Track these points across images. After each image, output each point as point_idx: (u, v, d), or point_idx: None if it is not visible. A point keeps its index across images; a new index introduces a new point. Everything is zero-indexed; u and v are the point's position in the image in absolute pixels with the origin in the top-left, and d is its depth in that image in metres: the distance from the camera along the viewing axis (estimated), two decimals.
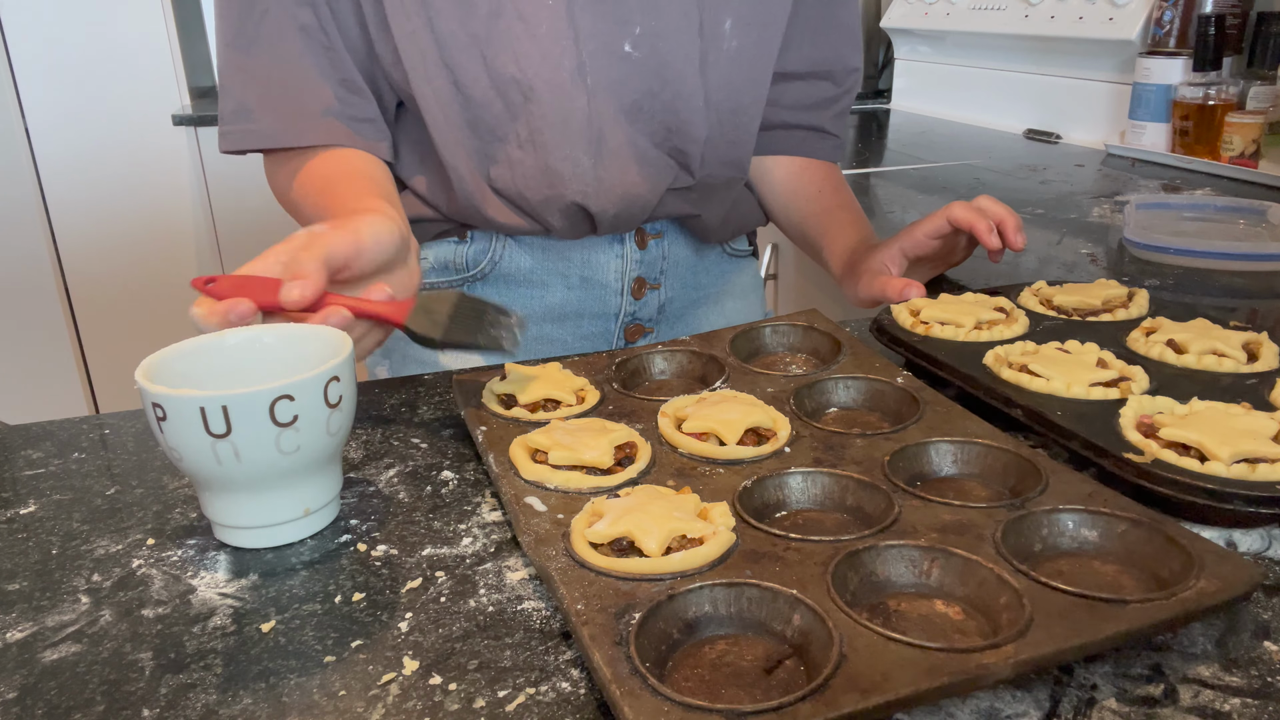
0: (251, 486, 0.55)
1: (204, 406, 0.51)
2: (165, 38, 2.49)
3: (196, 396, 0.52)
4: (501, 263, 0.95)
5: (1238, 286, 0.98)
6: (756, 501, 0.57)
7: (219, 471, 0.54)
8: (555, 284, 0.96)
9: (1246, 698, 0.43)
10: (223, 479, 0.54)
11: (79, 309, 2.63)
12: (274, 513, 0.57)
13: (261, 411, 0.52)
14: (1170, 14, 1.62)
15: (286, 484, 0.56)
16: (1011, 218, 0.81)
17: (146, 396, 0.53)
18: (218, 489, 0.56)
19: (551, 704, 0.44)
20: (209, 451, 0.53)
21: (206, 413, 0.52)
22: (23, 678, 0.47)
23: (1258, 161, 1.46)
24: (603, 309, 0.98)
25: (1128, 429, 0.61)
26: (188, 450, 0.53)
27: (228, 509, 0.56)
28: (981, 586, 0.48)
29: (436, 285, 0.97)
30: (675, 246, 0.99)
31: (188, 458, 0.54)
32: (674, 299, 1.01)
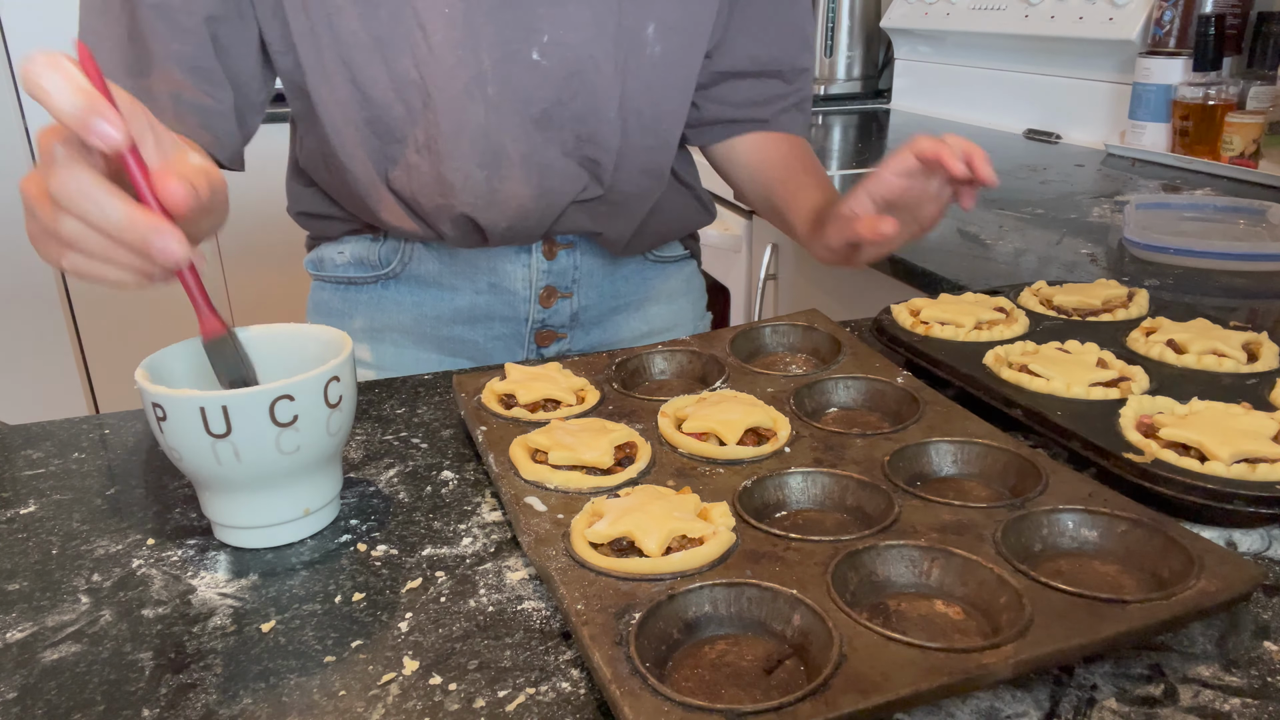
0: (251, 486, 0.55)
1: (204, 407, 0.51)
2: None
3: (196, 397, 0.52)
4: (411, 264, 0.95)
5: (1238, 286, 0.98)
6: (756, 501, 0.57)
7: (219, 471, 0.54)
8: (464, 288, 0.96)
9: (1246, 698, 0.43)
10: (223, 479, 0.54)
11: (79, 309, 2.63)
12: (274, 513, 0.57)
13: (262, 412, 0.52)
14: (1170, 14, 1.62)
15: (286, 484, 0.56)
16: (979, 151, 0.76)
17: (146, 396, 0.53)
18: (218, 489, 0.56)
19: (551, 704, 0.44)
20: (209, 452, 0.53)
21: (206, 413, 0.52)
22: (23, 678, 0.47)
23: (1258, 161, 1.46)
24: (512, 314, 0.98)
25: (1128, 429, 0.61)
26: (187, 450, 0.53)
27: (228, 509, 0.56)
28: (981, 586, 0.48)
29: (355, 280, 0.98)
30: (588, 257, 0.98)
31: (187, 458, 0.54)
32: (589, 307, 1.01)
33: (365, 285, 0.98)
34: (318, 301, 1.02)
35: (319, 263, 1.00)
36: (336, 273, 0.99)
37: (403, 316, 0.98)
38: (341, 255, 0.97)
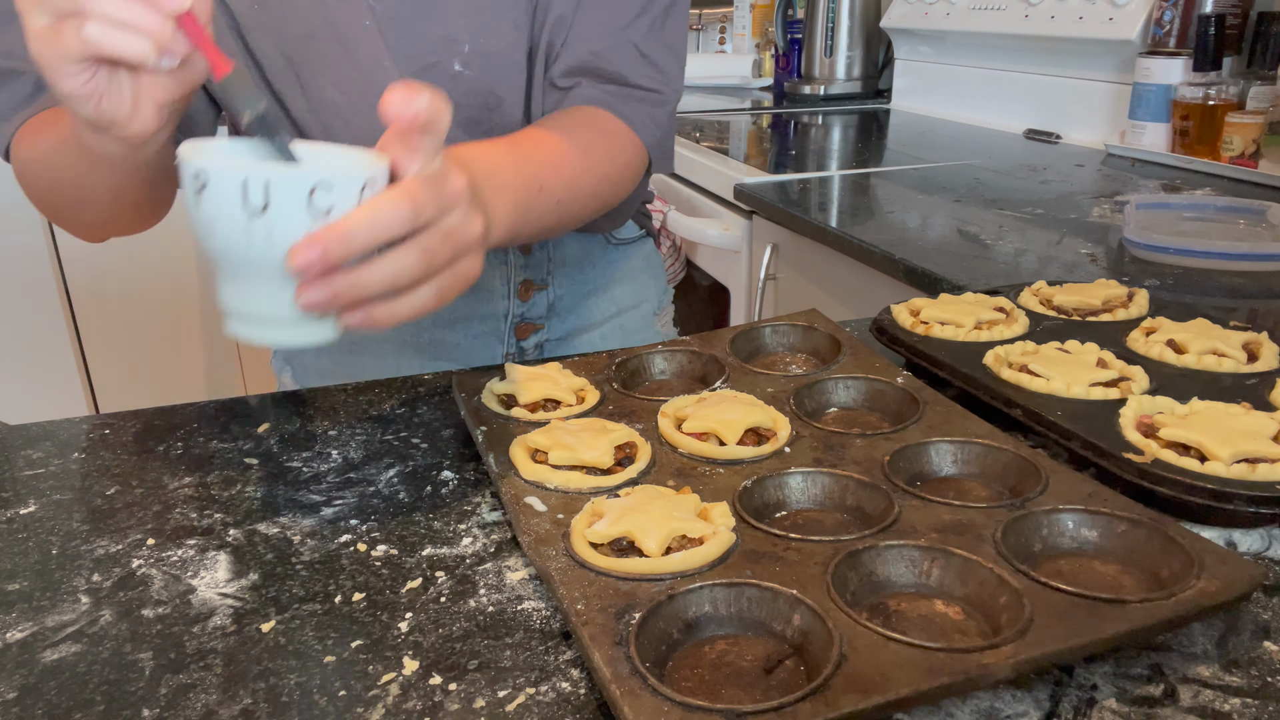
0: (273, 273, 0.52)
1: (248, 179, 0.50)
2: None
3: (242, 167, 0.50)
4: None
5: (1238, 286, 0.98)
6: (756, 501, 0.57)
7: (246, 253, 0.52)
8: None
9: (1246, 698, 0.43)
10: (248, 262, 0.53)
11: (79, 309, 2.63)
12: (291, 306, 0.53)
13: (301, 193, 0.50)
14: (1170, 14, 1.62)
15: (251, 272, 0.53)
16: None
17: (188, 167, 0.51)
18: (240, 273, 0.54)
19: (551, 704, 0.44)
20: (242, 228, 0.51)
21: (248, 185, 0.50)
22: (23, 678, 0.47)
23: (1258, 161, 1.46)
24: (490, 311, 0.97)
25: (1128, 429, 0.61)
26: (220, 224, 0.51)
27: (245, 295, 0.54)
28: (981, 586, 0.48)
29: None
30: (560, 248, 0.99)
31: (219, 233, 0.52)
32: (563, 295, 1.01)
33: None
34: None
35: None
36: None
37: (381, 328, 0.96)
38: None
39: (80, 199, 0.76)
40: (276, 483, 0.65)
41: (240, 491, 0.64)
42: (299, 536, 0.59)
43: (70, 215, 0.80)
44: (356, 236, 0.51)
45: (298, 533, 0.59)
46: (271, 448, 0.70)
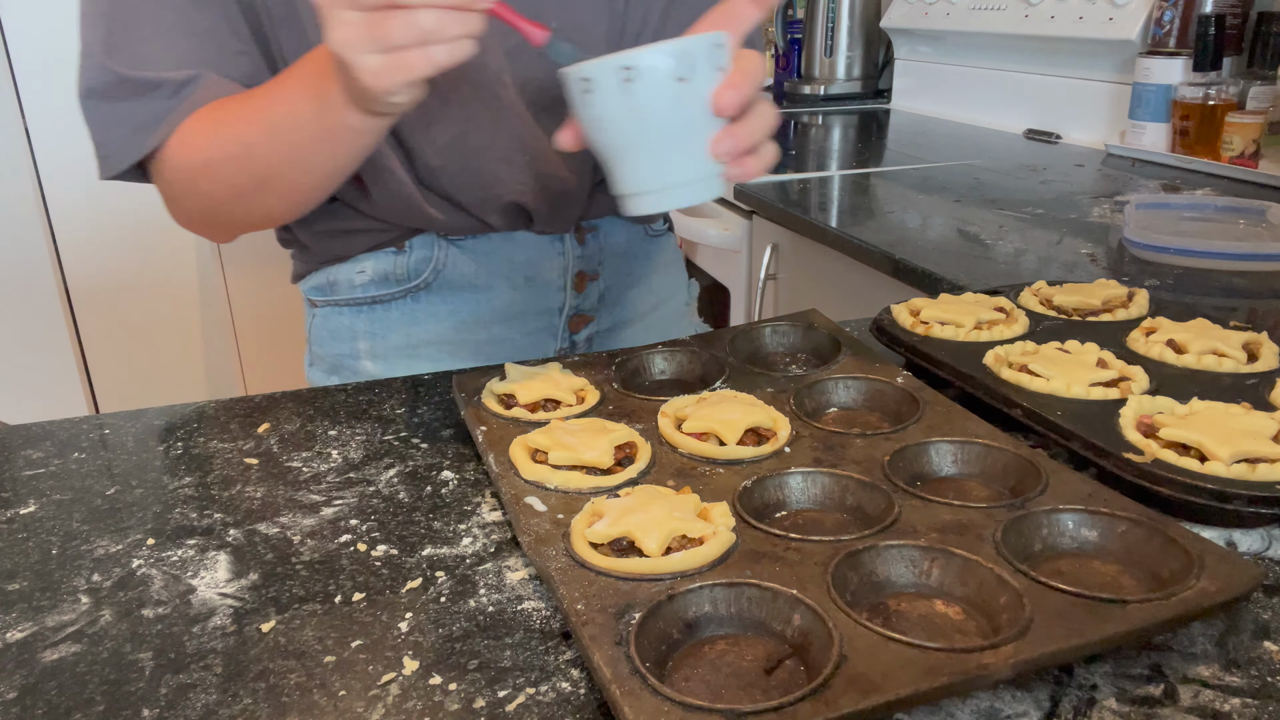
0: (680, 142, 0.62)
1: (676, 63, 0.59)
2: None
3: (665, 56, 0.59)
4: (445, 270, 0.93)
5: (1238, 286, 0.98)
6: (756, 501, 0.57)
7: (671, 123, 0.61)
8: (500, 286, 0.95)
9: (1246, 698, 0.43)
10: (669, 132, 0.61)
11: (79, 309, 2.63)
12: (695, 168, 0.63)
13: (713, 57, 0.60)
14: (1170, 14, 1.62)
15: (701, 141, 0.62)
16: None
17: (616, 62, 0.59)
18: (649, 152, 0.62)
19: (551, 704, 0.44)
20: (670, 102, 0.60)
21: (677, 67, 0.59)
22: (23, 678, 0.47)
23: (1258, 161, 1.46)
24: (547, 305, 0.98)
25: (1128, 429, 0.61)
26: (662, 103, 0.60)
27: (652, 171, 0.63)
28: (981, 586, 0.48)
29: (379, 299, 0.95)
30: (609, 237, 1.00)
31: (660, 110, 0.60)
32: (611, 286, 1.02)
33: (393, 302, 0.94)
34: (334, 328, 0.97)
35: (331, 286, 0.95)
36: (355, 294, 0.94)
37: (440, 326, 0.95)
38: (362, 275, 0.94)
39: (285, 186, 0.77)
40: (276, 483, 0.65)
41: (240, 491, 0.64)
42: (299, 536, 0.59)
43: (254, 206, 0.80)
44: (752, 85, 0.62)
45: (298, 533, 0.59)
46: (271, 448, 0.70)
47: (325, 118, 0.68)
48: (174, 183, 0.80)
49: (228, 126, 0.75)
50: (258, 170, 0.75)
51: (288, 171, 0.75)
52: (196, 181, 0.78)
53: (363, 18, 0.57)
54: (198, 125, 0.76)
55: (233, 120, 0.75)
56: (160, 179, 0.81)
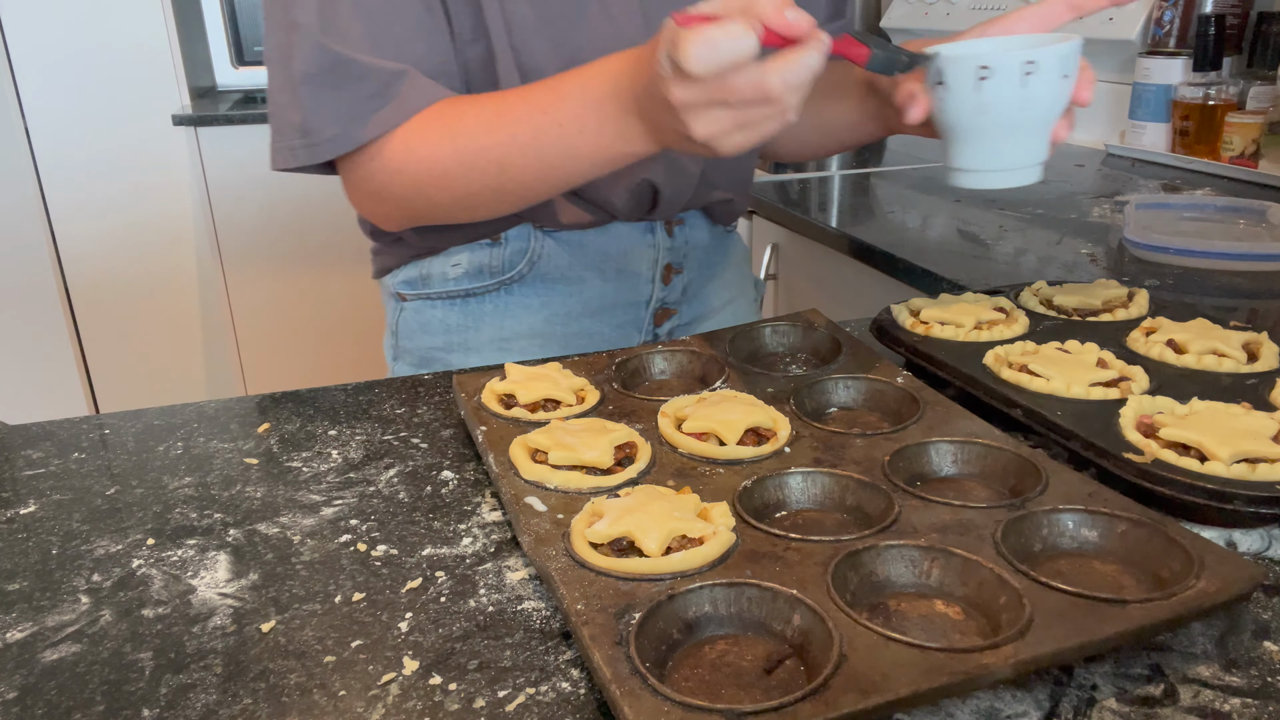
0: (1026, 130, 0.69)
1: (1023, 63, 0.66)
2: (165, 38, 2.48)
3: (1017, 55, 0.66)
4: (540, 263, 0.93)
5: (1238, 286, 0.98)
6: (756, 501, 0.57)
7: (1047, 113, 0.69)
8: (591, 278, 0.95)
9: (1246, 698, 0.43)
10: (1038, 120, 0.69)
11: (79, 309, 2.63)
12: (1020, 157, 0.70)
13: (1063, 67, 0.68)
14: (1170, 14, 1.62)
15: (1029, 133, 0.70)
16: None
17: (1019, 55, 0.66)
18: (995, 136, 0.69)
19: (551, 704, 0.44)
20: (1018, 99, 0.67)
21: (1025, 67, 0.66)
22: (23, 678, 0.47)
23: (1258, 161, 1.46)
24: (635, 298, 0.98)
25: (1128, 429, 0.61)
26: (1049, 94, 0.67)
27: (994, 154, 0.70)
28: (981, 586, 0.48)
29: (473, 292, 0.95)
30: (694, 231, 1.01)
31: (1044, 101, 0.68)
32: (693, 280, 1.03)
33: (486, 295, 0.94)
34: (425, 321, 0.97)
35: (423, 280, 0.95)
36: (449, 287, 0.94)
37: (533, 319, 0.95)
38: (456, 268, 0.94)
39: (526, 196, 0.78)
40: (276, 483, 0.65)
41: (240, 491, 0.64)
42: (299, 536, 0.59)
43: (478, 211, 0.81)
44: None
45: (298, 533, 0.59)
46: (271, 448, 0.70)
47: (616, 146, 0.71)
48: (390, 186, 0.80)
49: (472, 138, 0.75)
50: (505, 183, 0.77)
51: (536, 185, 0.77)
52: (423, 188, 0.79)
53: (731, 112, 0.61)
54: (427, 132, 0.76)
55: (478, 132, 0.75)
56: (361, 175, 0.81)
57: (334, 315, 2.56)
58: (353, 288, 2.54)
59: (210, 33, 2.37)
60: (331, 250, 2.50)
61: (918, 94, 0.74)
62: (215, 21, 2.36)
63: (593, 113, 0.71)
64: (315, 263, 2.50)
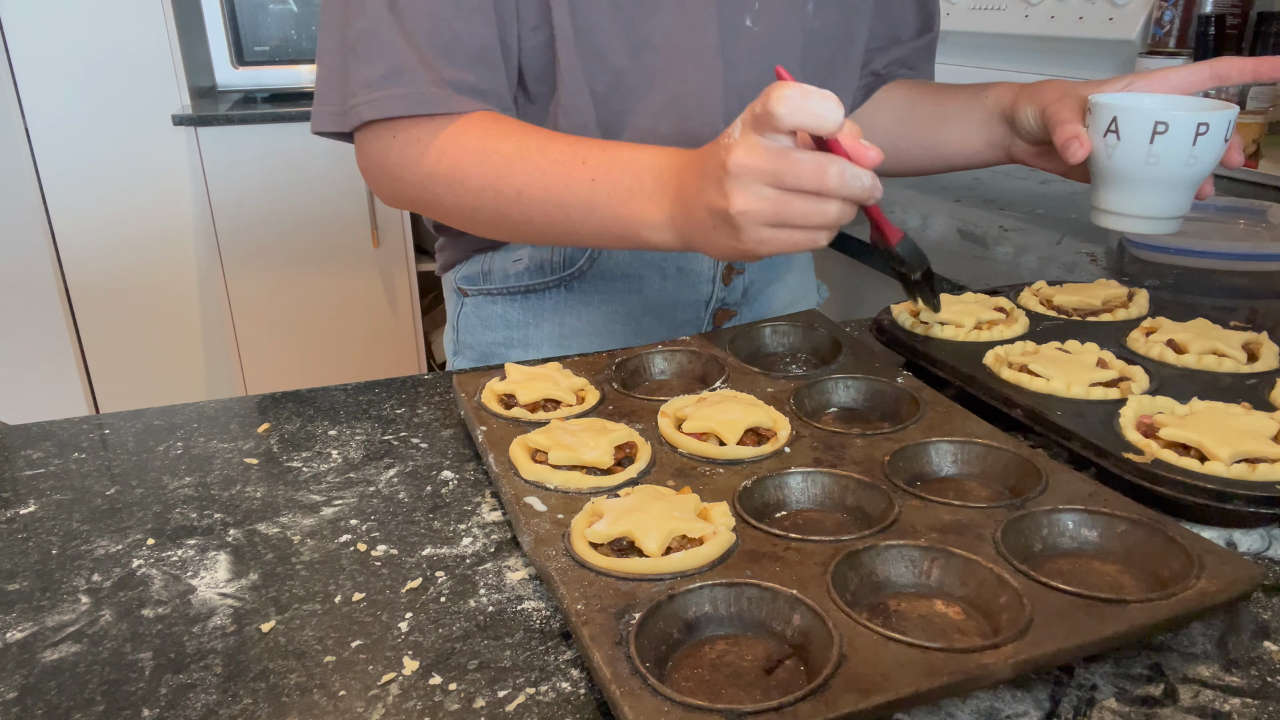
0: (1181, 186, 0.75)
1: (1197, 123, 0.72)
2: (165, 38, 2.48)
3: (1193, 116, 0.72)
4: (600, 260, 0.93)
5: (1238, 286, 0.98)
6: (756, 501, 0.57)
7: (1202, 170, 0.74)
8: (651, 277, 0.95)
9: (1246, 698, 0.43)
10: (1194, 176, 0.75)
11: (79, 309, 2.63)
12: (1171, 207, 0.76)
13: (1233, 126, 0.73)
14: (1170, 14, 1.62)
15: (1181, 188, 0.75)
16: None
17: (1193, 117, 0.71)
18: (1153, 188, 0.75)
19: (551, 704, 0.44)
20: (1186, 156, 0.73)
21: (1198, 128, 0.72)
22: (23, 678, 0.47)
23: (1258, 161, 1.46)
24: (695, 297, 0.98)
25: (1128, 429, 0.61)
26: (1210, 154, 0.73)
27: (1147, 202, 0.76)
28: (981, 586, 0.48)
29: (533, 288, 0.95)
30: None
31: (1205, 160, 0.73)
32: (754, 281, 1.02)
33: (547, 291, 0.95)
34: (486, 316, 0.97)
35: (484, 275, 0.96)
36: (510, 283, 0.95)
37: (593, 316, 0.95)
38: (518, 263, 0.94)
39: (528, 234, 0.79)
40: (276, 483, 0.65)
41: (240, 491, 0.64)
42: (299, 536, 0.59)
43: (477, 226, 0.81)
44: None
45: (298, 533, 0.59)
46: (271, 448, 0.70)
47: (634, 222, 0.71)
48: (402, 168, 0.79)
49: (502, 158, 0.75)
50: (514, 213, 0.76)
51: (541, 228, 0.77)
52: (433, 186, 0.78)
53: (777, 195, 0.61)
54: (463, 134, 0.76)
55: (511, 154, 0.75)
56: (380, 147, 0.79)
57: (334, 315, 2.56)
58: (353, 288, 2.54)
59: (210, 33, 2.37)
60: (331, 250, 2.50)
61: (1081, 136, 0.78)
62: (215, 21, 2.36)
63: (630, 180, 0.71)
64: (315, 263, 2.50)
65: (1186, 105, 0.78)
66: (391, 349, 2.63)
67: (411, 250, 2.56)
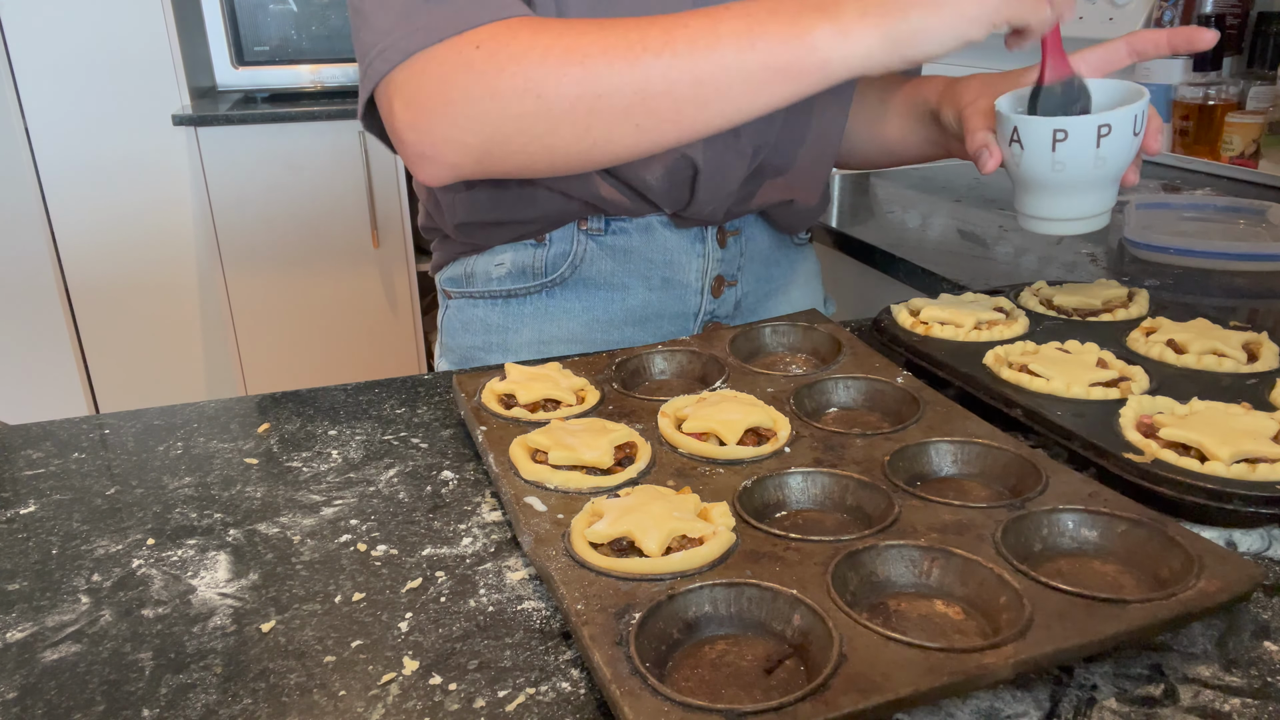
0: (1098, 185, 0.73)
1: (1099, 126, 0.69)
2: (165, 38, 2.49)
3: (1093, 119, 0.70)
4: (582, 266, 0.91)
5: (1238, 286, 0.99)
6: (756, 501, 0.57)
7: (1116, 167, 0.71)
8: (636, 286, 0.93)
9: (1246, 698, 0.43)
10: (1109, 175, 0.72)
11: (79, 309, 2.64)
12: (1081, 209, 0.74)
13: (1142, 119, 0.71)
14: (1170, 14, 1.62)
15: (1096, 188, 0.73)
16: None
17: (1092, 119, 0.69)
18: (1069, 189, 0.72)
19: (551, 704, 0.44)
20: (1091, 159, 0.70)
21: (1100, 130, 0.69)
22: (23, 678, 0.47)
23: (1258, 161, 1.46)
24: (682, 309, 0.95)
25: (1128, 429, 0.61)
26: (1121, 152, 0.70)
27: (1066, 205, 0.73)
28: (981, 586, 0.48)
29: (515, 292, 0.93)
30: (752, 243, 0.98)
31: (1116, 158, 0.70)
32: (748, 294, 1.00)
33: (528, 296, 0.93)
34: (467, 319, 0.96)
35: (467, 277, 0.95)
36: (492, 286, 0.93)
37: (573, 324, 0.93)
38: (500, 267, 0.92)
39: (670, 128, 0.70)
40: (276, 483, 0.65)
41: (240, 491, 0.64)
42: (299, 536, 0.59)
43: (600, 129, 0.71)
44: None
45: (298, 533, 0.59)
46: (271, 448, 0.70)
47: (795, 38, 0.66)
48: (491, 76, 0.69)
49: (627, 28, 0.68)
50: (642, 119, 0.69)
51: (686, 101, 0.68)
52: (542, 77, 0.68)
53: None
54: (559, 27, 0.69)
55: (635, 23, 0.68)
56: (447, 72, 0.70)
57: (334, 315, 2.56)
58: (353, 288, 2.55)
59: (210, 33, 2.37)
60: (331, 250, 2.50)
61: (991, 146, 0.76)
62: (215, 21, 2.36)
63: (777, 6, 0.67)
64: (315, 263, 2.50)
65: (1104, 91, 0.76)
66: (391, 349, 2.63)
67: (411, 250, 2.56)
